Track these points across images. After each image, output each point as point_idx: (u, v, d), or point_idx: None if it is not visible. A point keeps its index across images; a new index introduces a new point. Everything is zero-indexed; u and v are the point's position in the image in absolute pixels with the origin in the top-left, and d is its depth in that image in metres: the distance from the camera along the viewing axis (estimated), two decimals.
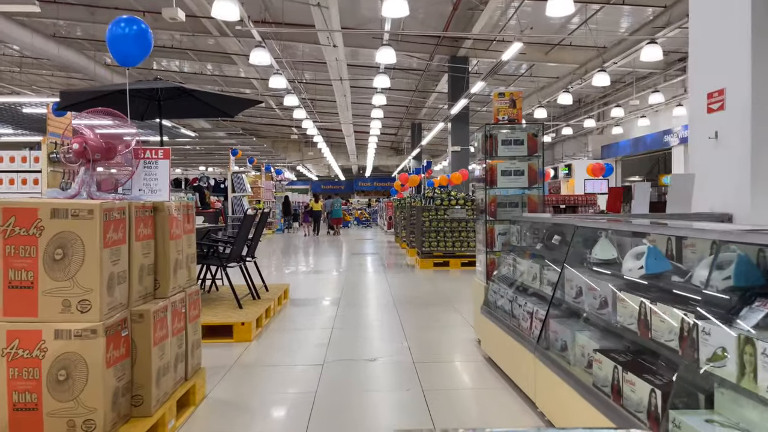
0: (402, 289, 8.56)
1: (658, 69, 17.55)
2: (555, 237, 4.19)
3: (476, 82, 14.28)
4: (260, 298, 6.72)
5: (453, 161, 18.18)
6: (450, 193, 10.90)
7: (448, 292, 8.17)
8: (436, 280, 9.48)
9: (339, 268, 11.49)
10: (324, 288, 8.86)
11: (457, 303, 7.24)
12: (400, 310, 6.88)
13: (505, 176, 5.00)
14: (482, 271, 5.19)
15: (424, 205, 10.79)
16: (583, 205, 10.77)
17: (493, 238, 5.04)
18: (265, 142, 30.38)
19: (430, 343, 5.31)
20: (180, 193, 12.99)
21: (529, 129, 5.14)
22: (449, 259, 10.73)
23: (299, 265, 12.15)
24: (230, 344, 5.26)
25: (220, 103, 7.21)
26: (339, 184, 46.22)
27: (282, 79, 13.83)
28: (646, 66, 17.20)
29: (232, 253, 6.23)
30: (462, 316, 6.43)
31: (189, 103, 7.16)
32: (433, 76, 20.77)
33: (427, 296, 7.95)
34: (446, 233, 10.72)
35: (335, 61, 14.23)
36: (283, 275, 10.32)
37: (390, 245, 17.41)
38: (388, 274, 10.09)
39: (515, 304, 4.18)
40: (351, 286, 8.92)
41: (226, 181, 17.55)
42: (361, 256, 13.92)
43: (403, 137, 33.46)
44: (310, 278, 9.82)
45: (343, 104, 19.03)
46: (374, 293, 8.26)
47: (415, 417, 3.48)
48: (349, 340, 5.45)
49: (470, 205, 10.74)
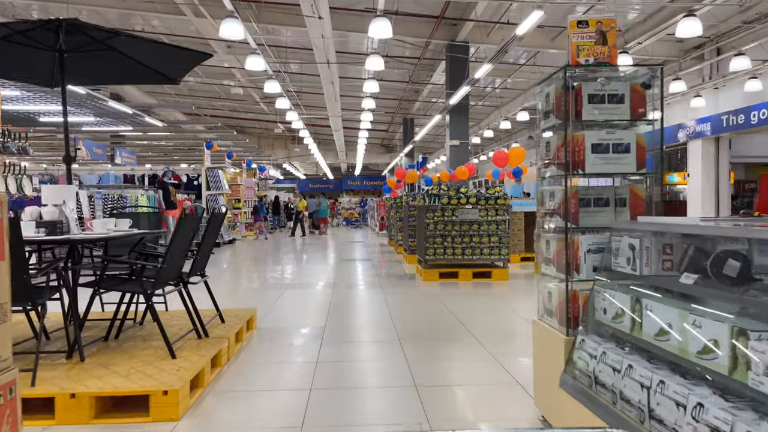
0: (405, 312, 6.44)
1: (673, 56, 15.60)
2: (729, 263, 2.09)
3: (481, 65, 12.21)
4: (208, 337, 4.56)
5: (451, 157, 16.08)
6: (459, 189, 8.78)
7: (466, 317, 6.05)
8: (447, 297, 7.37)
9: (325, 279, 9.35)
10: (304, 311, 6.71)
11: (484, 336, 5.13)
12: (407, 349, 4.76)
13: (598, 154, 2.89)
14: (556, 310, 3.07)
15: (428, 205, 8.67)
16: None
17: (577, 258, 2.92)
18: (250, 139, 28.12)
19: (465, 423, 3.19)
20: (139, 190, 10.76)
21: (634, 76, 3.03)
22: (458, 269, 8.62)
23: (277, 277, 9.98)
24: (142, 427, 3.12)
25: (154, 59, 5.03)
26: (327, 183, 43.99)
27: (260, 59, 11.68)
28: (660, 54, 15.26)
29: (162, 275, 4.06)
30: (498, 363, 4.32)
31: (110, 60, 4.98)
32: (428, 66, 18.68)
33: (441, 324, 5.82)
34: (454, 238, 8.61)
35: (321, 39, 12.07)
36: (252, 293, 8.17)
37: (383, 249, 15.26)
38: (385, 290, 7.96)
39: (652, 391, 2.08)
40: (339, 307, 6.78)
41: (200, 178, 15.32)
42: (351, 263, 11.76)
43: (395, 134, 31.33)
44: (287, 297, 7.65)
45: (331, 94, 16.86)
46: (369, 320, 6.13)
47: None
48: (335, 415, 3.31)
49: (483, 204, 8.63)
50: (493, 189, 8.78)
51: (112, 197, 10.15)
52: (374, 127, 26.07)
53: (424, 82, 19.82)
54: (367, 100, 15.87)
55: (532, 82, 18.57)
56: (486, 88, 21.09)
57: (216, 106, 25.03)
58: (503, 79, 19.66)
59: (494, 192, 8.71)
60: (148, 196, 10.68)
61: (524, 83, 19.68)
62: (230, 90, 14.65)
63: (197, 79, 19.73)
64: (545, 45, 15.56)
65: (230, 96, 22.76)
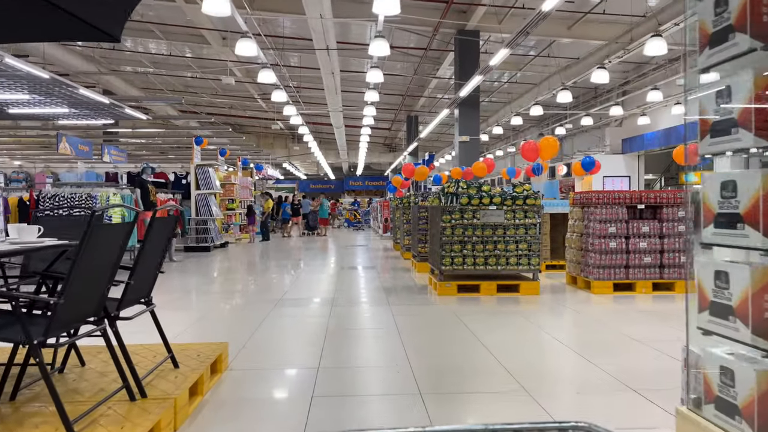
0: (423, 344, 4.93)
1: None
2: None
3: (493, 55, 10.70)
4: (146, 398, 3.05)
5: (460, 154, 14.57)
6: (480, 187, 7.26)
7: (501, 351, 4.54)
8: (470, 318, 5.86)
9: (322, 293, 7.85)
10: (293, 341, 5.20)
11: (534, 384, 3.62)
12: (432, 409, 3.25)
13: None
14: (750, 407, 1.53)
15: (444, 205, 7.15)
16: (669, 204, 7.20)
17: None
18: (249, 138, 26.61)
19: None
20: (111, 189, 9.26)
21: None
22: (480, 282, 7.11)
23: (265, 289, 8.49)
24: None
25: (78, 5, 3.50)
26: (329, 183, 42.48)
27: (252, 44, 10.19)
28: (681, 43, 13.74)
29: (59, 315, 2.54)
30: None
31: (28, 8, 3.46)
32: (434, 59, 17.17)
33: (472, 363, 4.31)
34: (475, 245, 7.10)
35: (320, 21, 10.56)
36: (232, 312, 6.68)
37: (388, 254, 13.72)
38: (394, 308, 6.45)
39: None
40: (337, 336, 5.27)
41: (189, 176, 13.81)
42: (352, 272, 10.24)
43: (398, 132, 29.82)
44: (274, 319, 6.14)
45: (331, 86, 15.36)
46: (377, 357, 4.62)
47: None
48: None
49: (510, 205, 7.12)
50: (521, 186, 7.26)
51: (79, 197, 8.65)
52: (377, 125, 24.58)
53: (430, 76, 18.31)
54: (370, 93, 14.36)
55: (544, 75, 17.07)
56: (495, 83, 19.58)
57: (214, 103, 23.57)
58: (513, 72, 18.16)
59: (522, 190, 7.19)
60: (122, 195, 9.17)
61: (536, 77, 18.16)
62: (222, 81, 13.13)
63: (191, 74, 18.26)
64: (561, 34, 14.09)
65: (227, 92, 21.28)
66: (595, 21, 13.59)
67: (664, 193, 7.29)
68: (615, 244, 7.16)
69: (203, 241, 13.27)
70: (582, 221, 7.56)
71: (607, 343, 4.89)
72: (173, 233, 3.44)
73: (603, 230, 7.17)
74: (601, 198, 7.26)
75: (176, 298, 7.39)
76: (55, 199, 8.65)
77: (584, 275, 7.44)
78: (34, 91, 9.98)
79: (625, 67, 16.83)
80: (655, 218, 7.29)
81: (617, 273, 7.18)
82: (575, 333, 5.45)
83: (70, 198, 8.58)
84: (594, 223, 7.22)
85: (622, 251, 7.18)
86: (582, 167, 10.33)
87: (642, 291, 7.15)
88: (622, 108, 17.44)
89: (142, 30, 14.57)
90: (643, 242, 7.15)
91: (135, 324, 3.31)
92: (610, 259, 7.16)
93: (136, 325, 3.42)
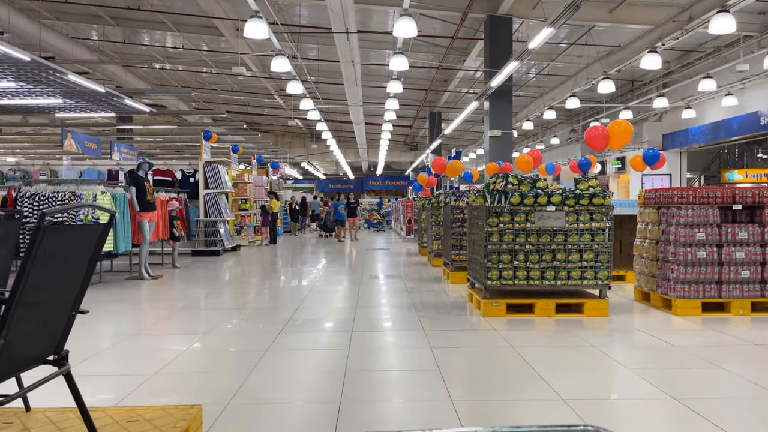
0: (477, 394, 3.48)
1: (755, 32, 12.36)
2: None
3: (541, 28, 9.16)
4: None
5: (491, 150, 13.05)
6: (535, 183, 5.75)
7: (587, 406, 3.04)
8: (531, 351, 4.37)
9: (338, 313, 6.43)
10: (300, 394, 3.78)
11: None
12: None
13: None
14: None
15: (490, 206, 5.67)
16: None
17: None
18: (266, 136, 25.36)
19: None
20: (99, 187, 7.96)
21: None
22: (534, 300, 5.61)
23: (270, 309, 7.10)
24: None
25: None
26: (348, 183, 41.09)
27: (263, 25, 8.84)
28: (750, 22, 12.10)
29: None
30: None
31: None
32: (461, 49, 15.67)
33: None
34: (529, 254, 5.60)
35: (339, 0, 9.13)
36: (222, 343, 5.30)
37: (414, 260, 12.18)
38: (430, 336, 4.98)
39: None
40: (359, 384, 3.84)
41: (197, 174, 12.52)
42: (374, 283, 8.78)
43: (419, 130, 28.34)
44: (277, 354, 4.70)
45: (351, 77, 13.94)
46: (415, 418, 3.16)
47: None
48: None
49: (572, 206, 5.61)
50: (585, 183, 5.74)
51: (62, 196, 7.34)
52: (397, 123, 23.12)
53: (456, 68, 16.78)
54: (393, 83, 12.90)
55: (579, 66, 15.44)
56: (523, 76, 18.00)
57: (231, 101, 22.33)
58: (545, 63, 16.56)
59: (587, 187, 5.68)
60: (113, 194, 7.85)
61: (568, 68, 16.51)
62: (233, 70, 11.83)
63: (206, 69, 17.02)
64: (601, 18, 12.53)
65: (244, 89, 20.02)
66: (640, 3, 12.03)
67: (763, 190, 5.72)
68: (704, 253, 5.61)
69: (212, 245, 11.96)
70: (658, 225, 6.02)
71: (728, 394, 3.38)
72: (98, 252, 2.05)
73: (689, 237, 5.62)
74: (686, 197, 5.72)
75: (161, 319, 6.03)
76: (35, 198, 7.36)
77: (662, 291, 5.90)
78: (20, 79, 8.75)
79: (667, 56, 15.11)
80: (753, 221, 5.73)
81: (707, 290, 5.63)
82: (677, 376, 3.91)
83: (51, 198, 7.28)
84: (677, 228, 5.68)
85: (714, 263, 5.63)
86: (644, 161, 8.77)
87: (738, 312, 5.59)
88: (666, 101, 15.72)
89: (154, 21, 13.37)
90: (739, 252, 5.59)
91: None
92: (698, 273, 5.61)
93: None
